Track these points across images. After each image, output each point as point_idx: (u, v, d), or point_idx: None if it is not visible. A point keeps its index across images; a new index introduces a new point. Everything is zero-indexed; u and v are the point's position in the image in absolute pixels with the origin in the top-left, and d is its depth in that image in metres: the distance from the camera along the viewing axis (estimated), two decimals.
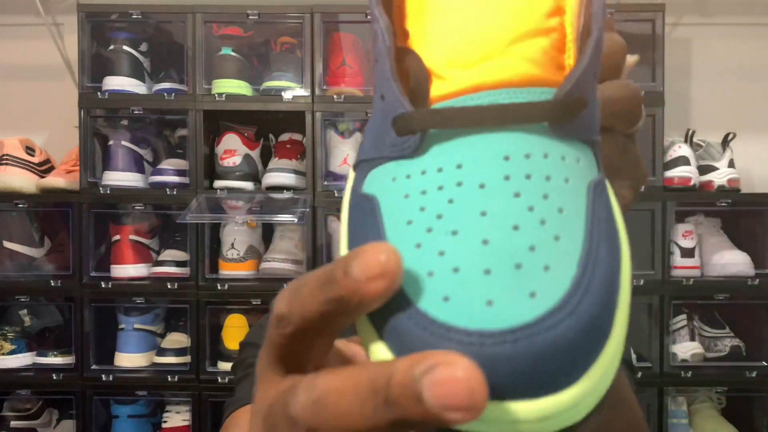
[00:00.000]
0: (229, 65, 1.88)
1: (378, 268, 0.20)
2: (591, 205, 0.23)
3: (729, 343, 1.90)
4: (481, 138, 0.24)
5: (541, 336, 0.19)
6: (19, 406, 1.94)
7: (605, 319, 0.21)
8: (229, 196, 1.86)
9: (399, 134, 0.25)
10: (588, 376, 0.20)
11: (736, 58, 2.16)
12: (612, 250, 0.23)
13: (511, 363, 0.19)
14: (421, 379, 0.18)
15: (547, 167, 0.23)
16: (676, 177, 1.87)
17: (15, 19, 2.14)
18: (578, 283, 0.20)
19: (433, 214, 0.22)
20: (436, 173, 0.24)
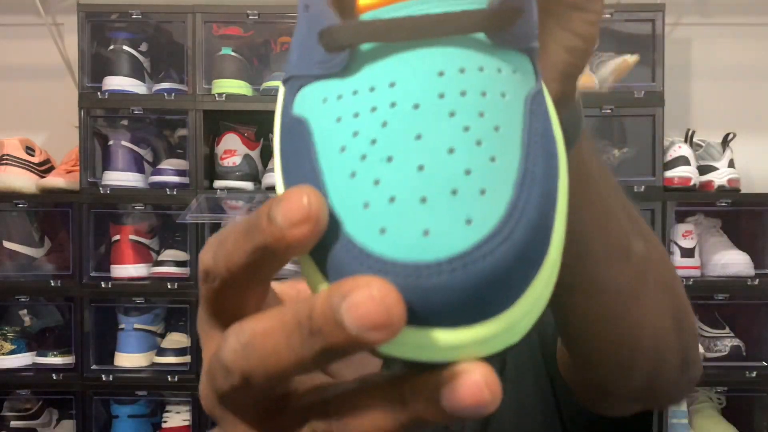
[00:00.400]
0: (229, 65, 1.88)
1: (300, 212, 0.20)
2: (528, 120, 0.23)
3: (729, 343, 1.89)
4: (414, 52, 0.23)
5: (477, 264, 0.19)
6: (19, 406, 1.94)
7: (541, 241, 0.21)
8: (229, 196, 1.86)
9: (327, 50, 0.24)
10: (523, 300, 0.20)
11: (736, 58, 2.16)
12: (549, 165, 0.22)
13: (448, 293, 0.19)
14: (340, 304, 0.18)
15: (482, 82, 0.22)
16: (676, 177, 1.87)
17: (15, 19, 2.14)
18: (513, 206, 0.20)
19: (367, 140, 0.22)
20: (369, 93, 0.23)
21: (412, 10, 0.23)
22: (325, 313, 0.19)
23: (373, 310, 0.18)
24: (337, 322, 0.19)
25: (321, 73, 0.24)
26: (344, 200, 0.21)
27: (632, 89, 1.86)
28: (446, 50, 0.23)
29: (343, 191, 0.21)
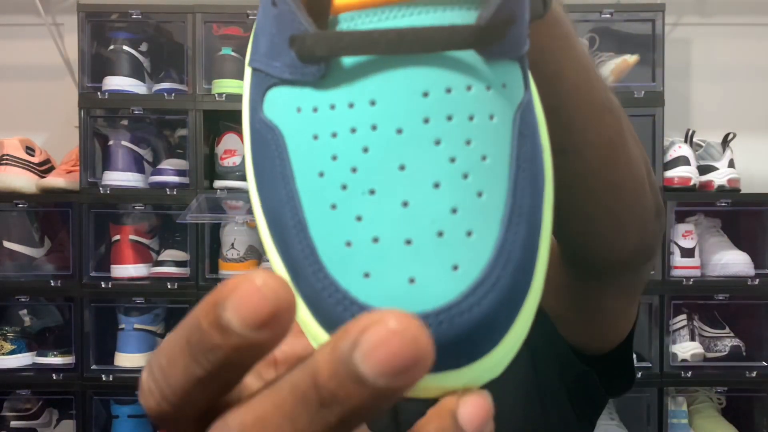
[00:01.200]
0: (229, 65, 1.88)
1: (267, 306, 0.15)
2: (516, 144, 0.22)
3: (729, 343, 1.90)
4: (396, 68, 0.21)
5: (464, 316, 0.19)
6: (19, 406, 1.94)
7: (526, 278, 0.21)
8: (229, 196, 1.86)
9: (301, 60, 0.21)
10: (507, 337, 0.20)
11: (736, 58, 2.16)
12: (536, 191, 0.22)
13: (435, 344, 0.17)
14: (352, 355, 0.15)
15: (470, 103, 0.21)
16: (676, 177, 1.87)
17: (15, 19, 2.14)
18: (501, 248, 0.20)
19: (347, 166, 0.20)
20: (347, 110, 0.21)
21: (393, 21, 0.21)
22: (336, 371, 0.15)
23: (398, 346, 0.15)
24: (354, 377, 0.15)
25: (293, 79, 0.22)
26: (326, 236, 0.20)
27: (632, 89, 1.86)
28: (431, 67, 0.21)
29: (324, 225, 0.20)
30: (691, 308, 1.95)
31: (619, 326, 0.59)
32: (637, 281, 0.56)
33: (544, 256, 0.22)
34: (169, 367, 0.17)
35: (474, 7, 0.21)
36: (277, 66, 0.23)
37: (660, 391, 1.86)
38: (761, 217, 1.96)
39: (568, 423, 0.61)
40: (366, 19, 0.21)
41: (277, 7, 0.22)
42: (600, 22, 1.95)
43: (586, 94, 0.42)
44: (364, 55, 0.21)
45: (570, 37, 0.41)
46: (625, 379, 0.62)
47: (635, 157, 0.46)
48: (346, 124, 0.21)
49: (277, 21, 0.22)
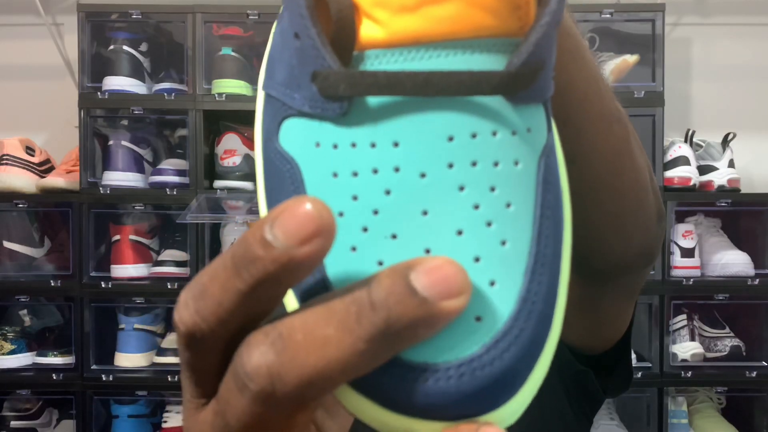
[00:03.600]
0: (229, 65, 1.88)
1: (312, 224, 0.17)
2: (540, 191, 0.21)
3: (729, 343, 1.90)
4: (421, 110, 0.20)
5: (485, 370, 0.19)
6: (19, 406, 1.94)
7: (547, 325, 0.21)
8: (229, 196, 1.86)
9: (323, 95, 0.21)
10: (526, 386, 0.20)
11: (736, 58, 2.16)
12: (558, 239, 0.22)
13: (454, 396, 0.19)
14: (409, 273, 0.17)
15: (495, 149, 0.20)
16: (676, 177, 1.87)
17: (15, 19, 2.14)
18: (524, 299, 0.20)
19: (369, 208, 0.20)
20: (369, 149, 0.20)
21: (421, 63, 0.20)
22: (391, 281, 0.17)
23: (449, 274, 0.17)
24: (407, 288, 0.17)
25: (313, 113, 0.21)
26: (344, 279, 0.20)
27: (632, 89, 1.86)
28: (458, 111, 0.20)
29: (344, 268, 0.20)
30: (691, 308, 1.95)
31: (617, 326, 0.59)
32: (637, 283, 0.56)
33: (562, 302, 0.22)
34: (210, 281, 0.19)
35: (503, 52, 0.21)
36: (296, 98, 0.22)
37: (660, 391, 1.86)
38: (761, 217, 1.96)
39: (566, 421, 0.61)
40: (392, 59, 0.20)
41: (299, 40, 0.21)
42: (600, 22, 1.95)
43: (596, 104, 0.43)
44: (387, 96, 0.20)
45: (580, 48, 0.41)
46: (622, 379, 0.62)
47: (640, 164, 0.47)
48: (368, 164, 0.20)
49: (298, 54, 0.22)
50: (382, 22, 0.20)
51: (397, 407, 0.20)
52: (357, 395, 0.20)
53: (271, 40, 0.25)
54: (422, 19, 0.20)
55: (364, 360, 0.18)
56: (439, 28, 0.20)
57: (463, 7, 0.20)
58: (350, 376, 0.18)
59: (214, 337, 0.19)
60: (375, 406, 0.20)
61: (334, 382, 0.18)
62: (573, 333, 0.58)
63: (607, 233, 0.48)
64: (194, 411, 0.21)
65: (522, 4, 0.21)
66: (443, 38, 0.20)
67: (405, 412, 0.19)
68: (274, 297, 0.19)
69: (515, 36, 0.21)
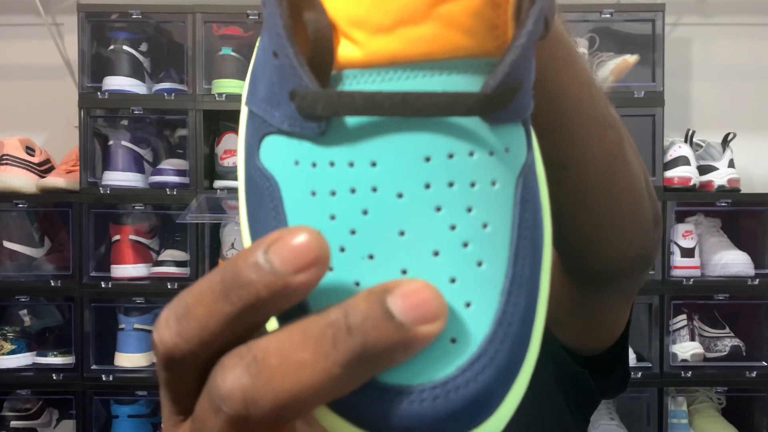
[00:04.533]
0: (229, 65, 1.88)
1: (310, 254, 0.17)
2: (518, 212, 0.21)
3: (729, 343, 1.90)
4: (399, 131, 0.20)
5: (460, 392, 0.19)
6: (19, 406, 1.94)
7: (523, 348, 0.20)
8: (229, 196, 1.86)
9: (301, 114, 0.21)
10: (501, 408, 0.20)
11: (736, 58, 2.16)
12: (536, 259, 0.22)
13: (428, 419, 0.19)
14: (386, 297, 0.17)
15: (472, 170, 0.20)
16: (676, 177, 1.87)
17: (15, 19, 2.14)
18: (500, 321, 0.20)
19: (347, 228, 0.20)
20: (347, 168, 0.21)
21: (398, 83, 0.20)
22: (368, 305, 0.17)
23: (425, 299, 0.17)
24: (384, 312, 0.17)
25: (292, 131, 0.22)
26: (322, 299, 0.20)
27: (632, 89, 1.86)
28: (435, 132, 0.20)
29: (321, 288, 0.20)
30: (691, 308, 1.95)
31: (613, 328, 0.59)
32: (635, 286, 0.56)
33: (540, 323, 0.21)
34: (195, 303, 0.19)
35: (480, 72, 0.21)
36: (276, 115, 0.22)
37: (660, 391, 1.86)
38: (761, 217, 1.96)
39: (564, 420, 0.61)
40: (369, 79, 0.20)
41: (278, 59, 0.21)
42: (600, 22, 1.95)
43: (588, 110, 0.43)
44: (365, 116, 0.20)
45: (572, 55, 0.41)
46: (619, 380, 0.62)
47: (635, 169, 0.47)
48: (345, 184, 0.21)
49: (278, 72, 0.22)
50: (360, 42, 0.20)
51: (372, 428, 0.19)
52: (334, 416, 0.20)
53: (254, 55, 0.25)
54: (399, 40, 0.20)
55: (340, 384, 0.18)
56: (416, 48, 0.20)
57: (440, 28, 0.20)
58: (325, 399, 0.18)
59: (194, 358, 0.19)
60: (352, 427, 0.20)
61: (310, 406, 0.18)
62: (569, 334, 0.59)
63: (602, 237, 0.48)
64: (172, 427, 0.21)
65: (500, 24, 0.21)
66: (420, 59, 0.20)
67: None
68: (259, 322, 0.19)
69: (493, 56, 0.21)
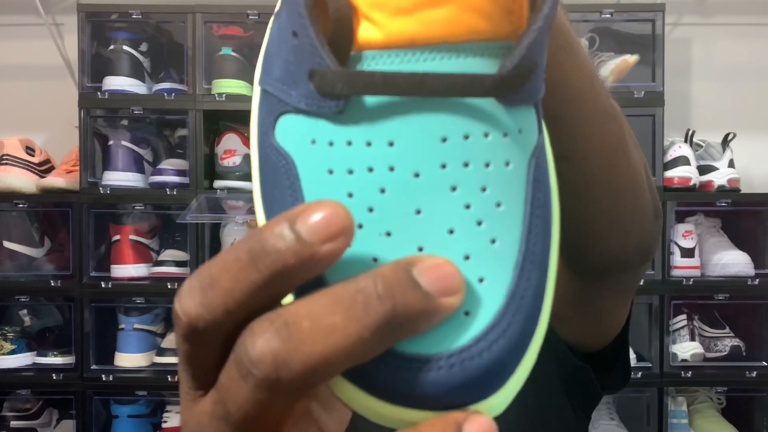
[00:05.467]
0: (229, 65, 1.88)
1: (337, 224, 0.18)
2: (530, 191, 0.22)
3: (729, 343, 1.90)
4: (416, 111, 0.21)
5: (474, 361, 0.20)
6: (19, 406, 1.94)
7: (534, 322, 0.21)
8: (229, 196, 1.86)
9: (320, 93, 0.21)
10: (512, 379, 0.21)
11: (736, 58, 2.16)
12: (547, 236, 0.22)
13: (443, 387, 0.20)
14: (411, 269, 0.18)
15: (486, 150, 0.21)
16: (676, 177, 1.87)
17: (15, 19, 2.14)
18: (512, 294, 0.21)
19: (364, 206, 0.21)
20: (365, 148, 0.21)
21: (416, 64, 0.21)
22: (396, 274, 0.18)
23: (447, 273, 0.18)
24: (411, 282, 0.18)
25: (309, 110, 0.22)
26: (339, 275, 0.20)
27: (632, 89, 1.86)
28: (451, 113, 0.21)
29: (340, 264, 0.20)
30: (691, 308, 1.95)
31: (614, 323, 0.60)
32: (635, 280, 0.56)
33: (550, 297, 0.22)
34: (221, 273, 0.19)
35: (496, 55, 0.21)
36: (293, 95, 0.22)
37: (660, 391, 1.86)
38: (761, 217, 1.96)
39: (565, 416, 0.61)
40: (388, 60, 0.21)
41: (297, 38, 0.22)
42: (600, 22, 1.95)
43: (590, 102, 0.43)
44: (383, 96, 0.21)
45: (573, 45, 0.41)
46: (620, 376, 0.62)
47: (636, 162, 0.47)
48: (363, 162, 0.21)
49: (296, 52, 0.22)
50: (379, 23, 0.21)
51: (390, 397, 0.20)
52: (351, 386, 0.21)
53: (267, 35, 0.26)
54: (418, 22, 0.20)
55: (367, 348, 0.18)
56: (434, 31, 0.21)
57: (458, 11, 0.20)
58: (351, 364, 0.19)
59: (218, 328, 0.20)
60: (368, 396, 0.20)
61: (336, 370, 0.19)
62: (570, 330, 0.59)
63: (603, 230, 0.48)
64: (191, 403, 0.21)
65: (515, 8, 0.21)
66: (438, 41, 0.21)
67: (398, 401, 0.20)
68: (282, 292, 0.20)
69: (508, 39, 0.21)
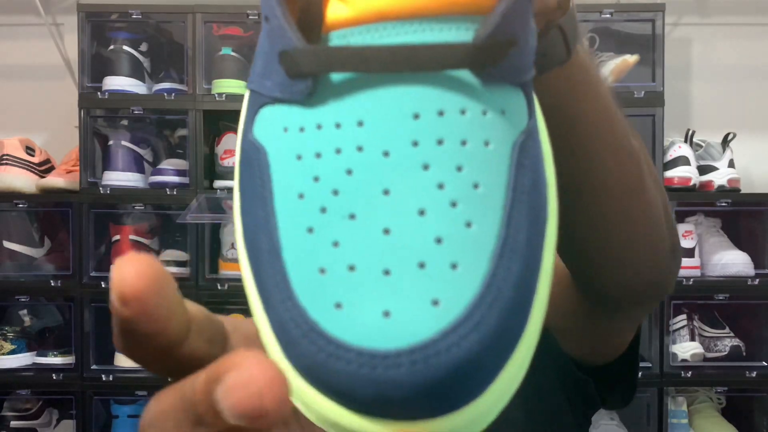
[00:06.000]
0: (229, 65, 1.88)
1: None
2: (513, 174, 0.20)
3: (729, 343, 1.89)
4: (387, 88, 0.19)
5: (441, 357, 0.17)
6: (19, 406, 1.94)
7: (517, 321, 0.19)
8: (229, 196, 1.86)
9: (289, 75, 0.20)
10: (492, 388, 0.18)
11: (736, 58, 2.16)
12: (534, 226, 0.20)
13: (406, 388, 0.17)
14: (215, 389, 0.16)
15: (463, 127, 0.19)
16: (676, 177, 1.87)
17: (15, 19, 2.14)
18: (488, 284, 0.18)
19: (329, 189, 0.19)
20: (334, 130, 0.20)
21: (386, 38, 0.20)
22: (205, 398, 0.17)
23: (245, 396, 0.15)
24: (215, 408, 0.16)
25: (282, 97, 0.21)
26: (299, 261, 0.19)
27: (632, 89, 1.86)
28: (424, 88, 0.19)
29: (299, 249, 0.19)
30: (691, 308, 1.95)
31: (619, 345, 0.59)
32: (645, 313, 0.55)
33: (543, 298, 0.20)
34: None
35: (472, 29, 0.20)
36: (268, 85, 0.22)
37: (660, 391, 1.86)
38: (761, 217, 1.96)
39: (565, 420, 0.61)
40: (359, 37, 0.20)
41: (269, 23, 0.21)
42: (600, 22, 1.95)
43: (606, 140, 0.42)
44: (353, 72, 0.20)
45: (593, 82, 0.40)
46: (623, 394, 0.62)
47: (652, 199, 0.46)
48: (331, 145, 0.20)
49: (269, 37, 0.21)
50: (348, 0, 0.20)
51: (348, 401, 0.18)
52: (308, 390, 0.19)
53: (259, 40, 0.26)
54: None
55: None
56: (406, 4, 0.19)
57: None
58: None
59: None
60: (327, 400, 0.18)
61: None
62: (574, 344, 0.58)
63: (613, 263, 0.47)
64: None
65: None
66: (411, 15, 0.19)
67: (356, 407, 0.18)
68: None
69: (486, 14, 0.20)
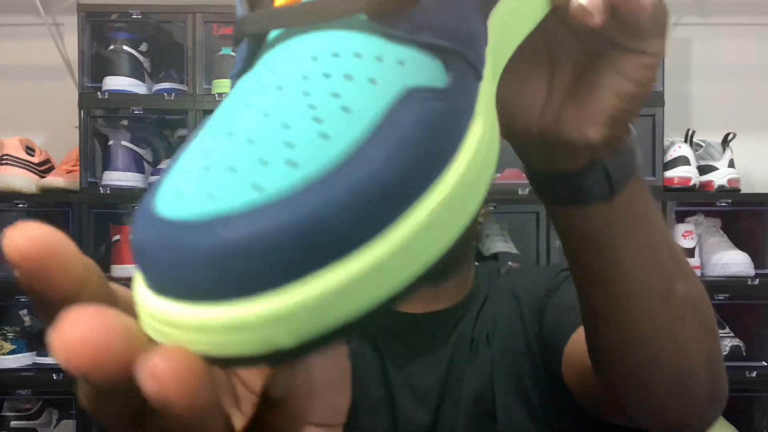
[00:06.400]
0: (229, 65, 1.87)
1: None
2: (394, 108, 0.20)
3: (729, 343, 1.89)
4: (296, 40, 0.22)
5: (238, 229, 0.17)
6: (19, 406, 1.94)
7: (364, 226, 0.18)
8: None
9: (234, 44, 0.24)
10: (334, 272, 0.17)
11: (736, 58, 2.16)
12: (403, 153, 0.19)
13: (195, 259, 0.17)
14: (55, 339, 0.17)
15: (352, 66, 0.20)
16: (676, 177, 1.87)
17: (15, 19, 2.14)
18: (324, 180, 0.18)
19: (227, 121, 0.21)
20: (255, 82, 0.22)
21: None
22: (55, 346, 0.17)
23: (61, 346, 0.17)
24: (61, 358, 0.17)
25: (236, 72, 0.24)
26: (180, 171, 0.20)
27: None
28: (327, 34, 0.21)
29: (182, 164, 0.20)
30: None
31: None
32: None
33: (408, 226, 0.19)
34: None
35: None
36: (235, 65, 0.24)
37: None
38: (761, 217, 1.96)
39: None
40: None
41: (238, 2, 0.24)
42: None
43: (643, 284, 0.40)
44: (268, 30, 0.23)
45: (636, 222, 0.38)
46: None
47: (690, 344, 0.43)
48: (244, 96, 0.22)
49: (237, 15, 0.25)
50: None
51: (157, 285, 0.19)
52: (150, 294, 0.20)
53: None
54: None
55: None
56: None
57: None
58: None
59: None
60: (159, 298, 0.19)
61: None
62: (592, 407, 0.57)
63: (632, 400, 0.45)
64: None
65: None
66: None
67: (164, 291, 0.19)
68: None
69: None
